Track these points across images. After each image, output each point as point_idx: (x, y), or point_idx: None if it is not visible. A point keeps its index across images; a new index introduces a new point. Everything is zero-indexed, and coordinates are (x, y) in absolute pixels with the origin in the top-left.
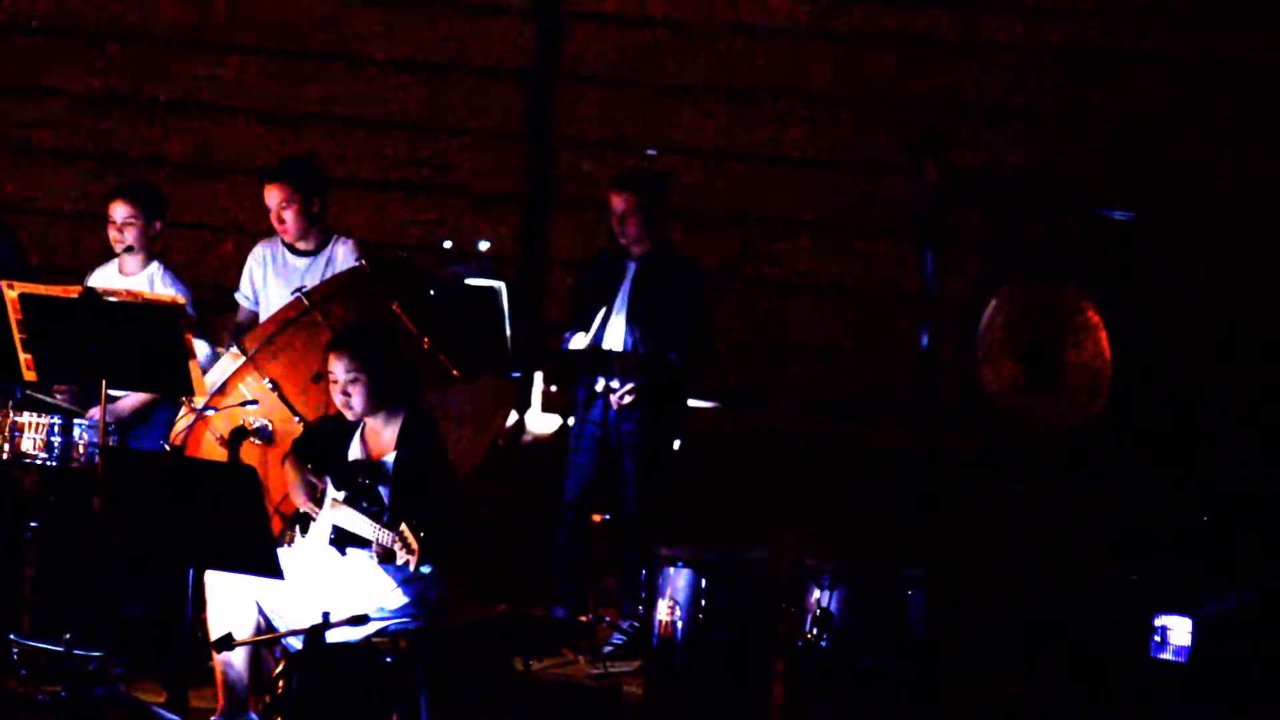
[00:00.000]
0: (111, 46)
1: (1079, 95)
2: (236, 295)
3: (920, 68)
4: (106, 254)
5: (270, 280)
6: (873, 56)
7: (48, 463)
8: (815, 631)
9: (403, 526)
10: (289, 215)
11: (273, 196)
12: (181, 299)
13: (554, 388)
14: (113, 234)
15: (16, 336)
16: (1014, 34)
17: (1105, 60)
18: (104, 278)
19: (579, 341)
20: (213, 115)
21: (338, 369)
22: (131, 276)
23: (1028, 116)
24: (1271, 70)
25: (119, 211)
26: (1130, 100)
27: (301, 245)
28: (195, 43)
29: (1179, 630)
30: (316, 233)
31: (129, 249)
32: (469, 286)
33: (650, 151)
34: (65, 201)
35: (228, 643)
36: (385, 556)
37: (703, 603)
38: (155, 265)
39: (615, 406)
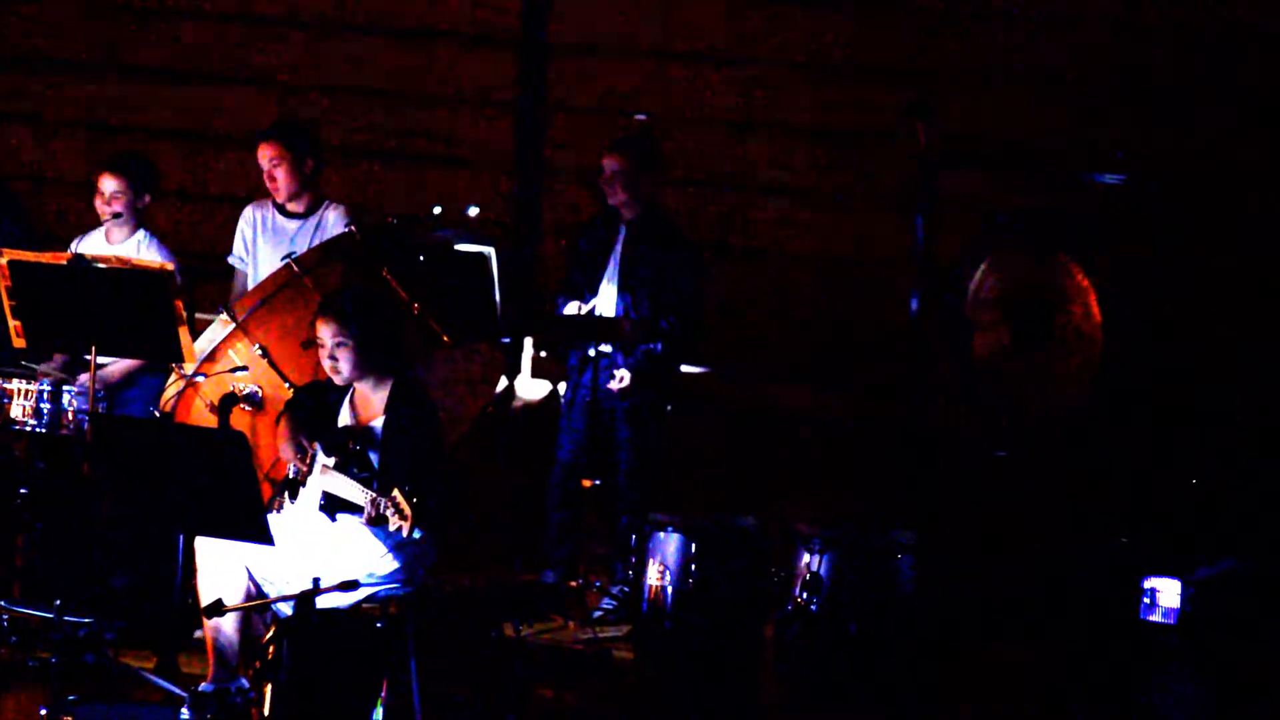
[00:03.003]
0: (104, 15)
1: (1072, 60)
2: (230, 259)
3: (912, 34)
4: (95, 223)
5: (260, 242)
6: (864, 23)
7: (37, 429)
8: (805, 597)
9: (395, 492)
10: (280, 174)
11: (264, 155)
12: (170, 265)
13: (544, 353)
14: (99, 205)
15: (5, 303)
16: (1008, 1)
17: (1097, 25)
18: (90, 246)
19: (572, 308)
20: (205, 83)
21: (325, 334)
22: (118, 245)
23: (1018, 82)
24: (1267, 35)
25: (108, 184)
26: (1122, 65)
27: (292, 207)
28: (186, 11)
29: (1168, 593)
30: (309, 196)
31: (116, 215)
32: (459, 252)
33: (640, 116)
34: (56, 170)
35: (218, 609)
36: (376, 521)
37: (693, 568)
38: (142, 233)
39: (616, 388)
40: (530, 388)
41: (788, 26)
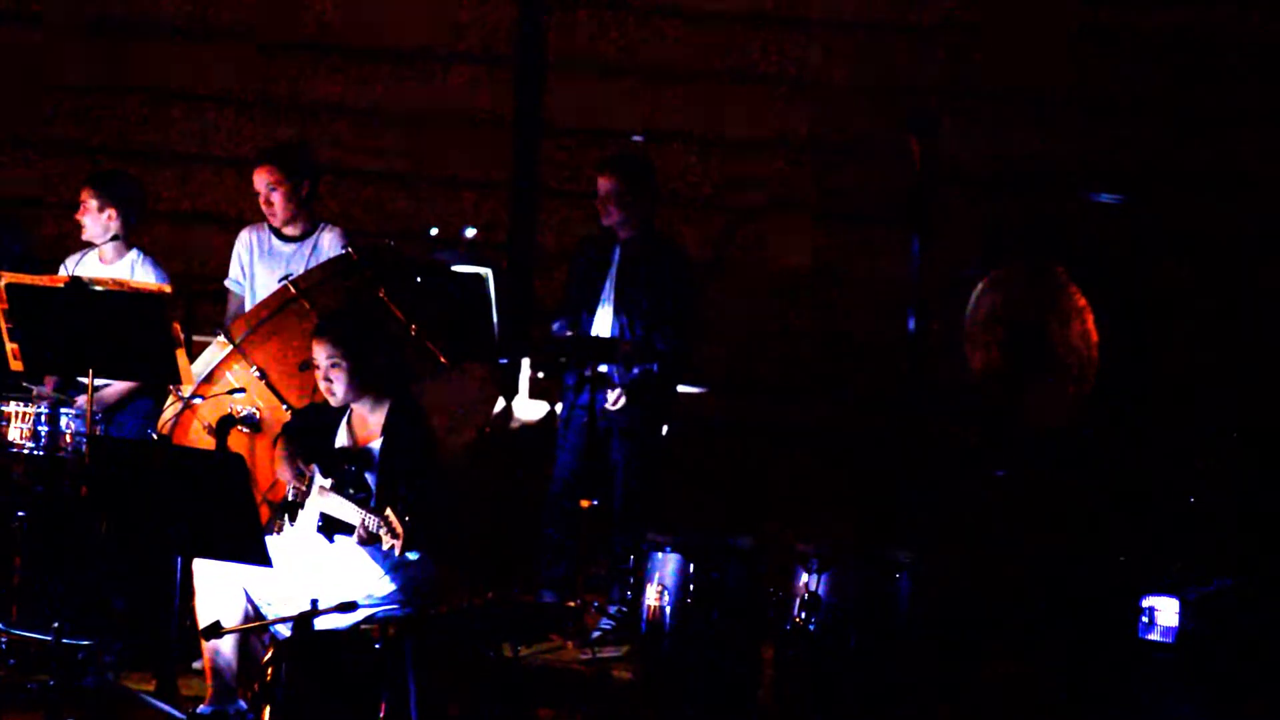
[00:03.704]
0: (107, 37)
1: (1068, 79)
2: (227, 282)
3: (909, 53)
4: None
5: (257, 265)
6: (861, 41)
7: (35, 452)
8: (803, 616)
9: (388, 511)
10: (276, 197)
11: (261, 179)
12: (167, 288)
13: (541, 374)
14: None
15: (2, 326)
16: (1002, 18)
17: (1095, 44)
18: (81, 266)
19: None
20: (202, 104)
21: (321, 355)
22: (110, 265)
23: (1015, 101)
24: (1264, 53)
25: (83, 197)
26: (1118, 83)
27: (288, 230)
28: (187, 31)
29: (1167, 611)
30: (304, 219)
31: (114, 237)
32: (456, 274)
33: (636, 137)
34: (54, 193)
35: (216, 631)
36: (369, 540)
37: (691, 588)
38: (134, 253)
39: (612, 408)
40: (527, 408)
41: (784, 45)
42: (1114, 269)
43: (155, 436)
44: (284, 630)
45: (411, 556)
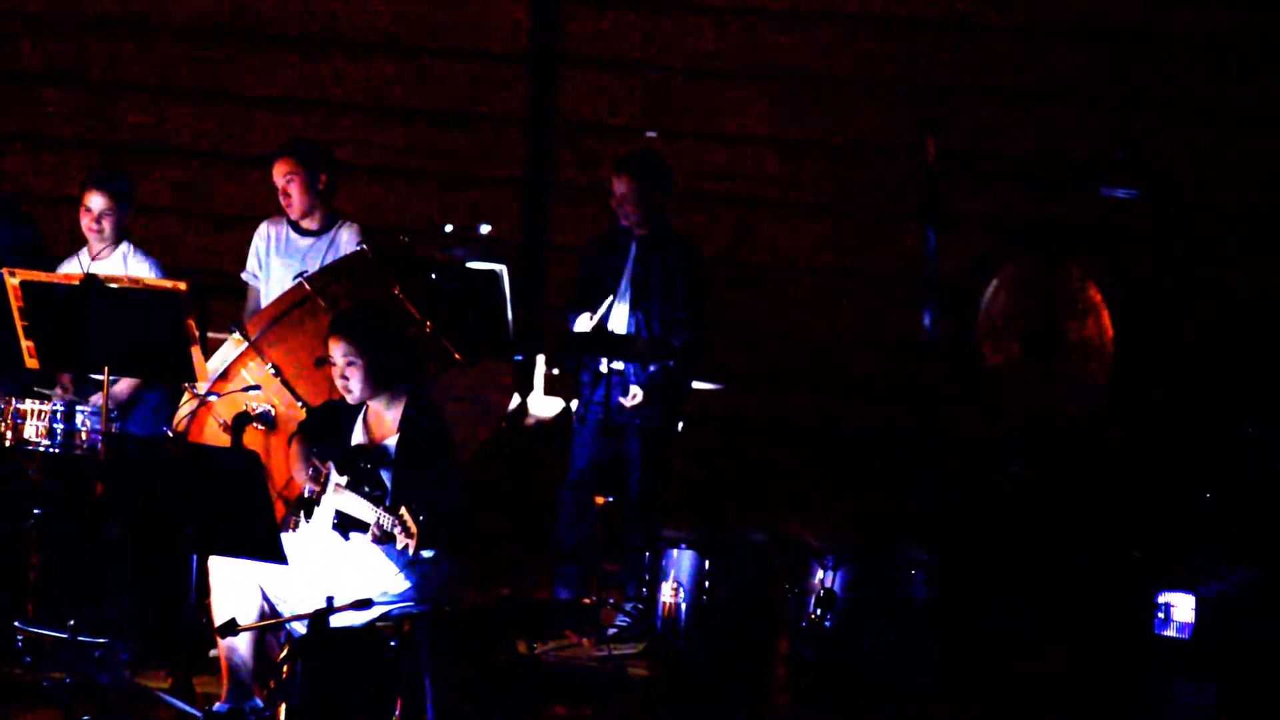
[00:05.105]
0: (118, 34)
1: (1080, 74)
2: (244, 275)
3: (921, 49)
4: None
5: (274, 259)
6: (874, 38)
7: (50, 449)
8: (819, 612)
9: (402, 510)
10: (294, 190)
11: (279, 171)
12: (183, 285)
13: (556, 371)
14: (87, 223)
15: (19, 324)
16: (1014, 15)
17: (1106, 39)
18: (78, 264)
19: (583, 324)
20: (215, 102)
21: (337, 352)
22: (103, 260)
23: (1028, 96)
24: (1271, 50)
25: (97, 202)
26: (1132, 78)
27: (306, 224)
28: (198, 30)
29: (1182, 607)
30: (322, 213)
31: (108, 240)
32: (471, 270)
33: (650, 134)
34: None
35: (232, 628)
36: (383, 538)
37: (706, 584)
38: (125, 245)
39: (629, 406)
40: (542, 405)
41: (796, 41)
42: (1129, 264)
43: (171, 434)
44: (299, 628)
45: (426, 554)
